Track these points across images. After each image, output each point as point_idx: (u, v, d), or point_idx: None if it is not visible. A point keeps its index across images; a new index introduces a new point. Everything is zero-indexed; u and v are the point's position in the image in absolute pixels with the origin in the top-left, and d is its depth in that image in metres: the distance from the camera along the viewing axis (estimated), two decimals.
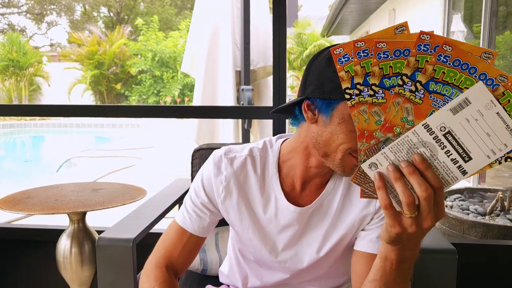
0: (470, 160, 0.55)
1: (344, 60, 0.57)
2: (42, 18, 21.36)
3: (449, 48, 0.52)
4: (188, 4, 20.43)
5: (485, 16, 4.18)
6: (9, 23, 21.10)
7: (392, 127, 0.57)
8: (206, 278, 1.33)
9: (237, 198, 0.93)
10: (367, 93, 0.57)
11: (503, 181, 4.59)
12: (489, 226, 2.13)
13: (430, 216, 0.58)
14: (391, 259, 0.69)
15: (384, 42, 0.55)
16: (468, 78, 0.53)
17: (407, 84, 0.55)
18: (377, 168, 0.59)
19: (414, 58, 0.54)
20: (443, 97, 0.54)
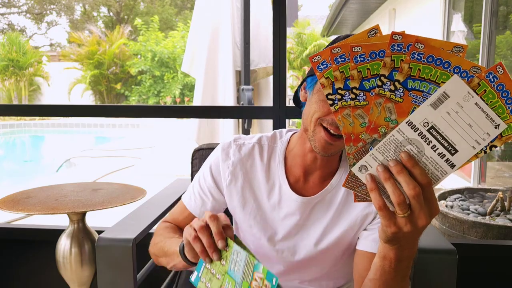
0: (456, 153, 0.55)
1: (323, 67, 0.59)
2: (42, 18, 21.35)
3: (421, 46, 0.54)
4: (188, 4, 20.43)
5: (485, 16, 4.18)
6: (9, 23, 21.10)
7: (377, 127, 0.58)
8: None
9: (242, 183, 0.95)
10: (349, 97, 0.58)
11: (503, 181, 4.59)
12: (489, 226, 2.13)
13: (423, 214, 0.58)
14: (390, 258, 0.69)
15: (359, 46, 0.56)
16: (444, 73, 0.54)
17: (386, 84, 0.56)
18: (367, 170, 0.59)
19: (389, 59, 0.55)
20: (422, 94, 0.56)
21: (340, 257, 0.96)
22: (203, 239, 0.71)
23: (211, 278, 0.72)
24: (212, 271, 0.73)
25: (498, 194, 2.39)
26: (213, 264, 0.72)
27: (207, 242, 0.71)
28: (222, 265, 0.71)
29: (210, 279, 0.73)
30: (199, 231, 0.71)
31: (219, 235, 0.70)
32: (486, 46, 4.16)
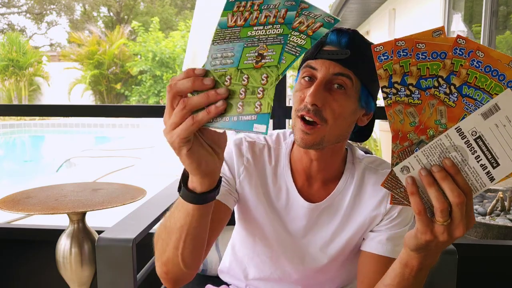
0: (498, 166, 0.56)
1: (383, 58, 0.58)
2: (42, 18, 21.36)
3: (482, 54, 0.55)
4: (188, 4, 20.43)
5: (485, 16, 4.18)
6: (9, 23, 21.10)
7: (426, 129, 0.58)
8: (206, 278, 1.33)
9: (255, 182, 0.93)
10: (404, 93, 0.58)
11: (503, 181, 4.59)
12: (489, 226, 2.13)
13: (462, 224, 0.57)
14: (412, 266, 0.68)
15: (423, 43, 0.57)
16: (498, 85, 0.55)
17: (442, 86, 0.56)
18: (409, 172, 0.58)
19: (450, 61, 0.56)
20: (475, 102, 0.56)
21: (346, 260, 0.95)
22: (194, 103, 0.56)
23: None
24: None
25: (498, 194, 2.39)
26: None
27: (200, 102, 0.56)
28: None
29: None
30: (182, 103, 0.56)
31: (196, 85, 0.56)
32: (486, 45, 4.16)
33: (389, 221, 0.89)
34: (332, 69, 0.78)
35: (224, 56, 0.57)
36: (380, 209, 0.89)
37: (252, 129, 0.57)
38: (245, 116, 0.56)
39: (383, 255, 0.87)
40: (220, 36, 0.58)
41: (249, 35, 0.57)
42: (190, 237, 0.71)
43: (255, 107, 0.56)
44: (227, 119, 0.57)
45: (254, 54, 0.56)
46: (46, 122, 12.35)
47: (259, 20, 0.57)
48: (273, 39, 0.56)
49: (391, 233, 0.88)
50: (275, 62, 0.56)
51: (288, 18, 0.56)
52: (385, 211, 0.89)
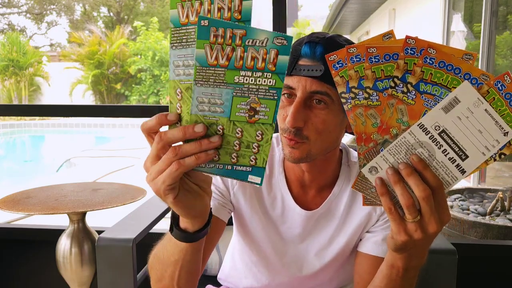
0: (467, 158, 0.56)
1: (338, 66, 0.61)
2: (42, 18, 21.35)
3: (433, 51, 0.56)
4: None
5: (485, 16, 4.17)
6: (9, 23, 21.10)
7: (388, 128, 0.59)
8: (206, 278, 1.33)
9: (250, 192, 0.92)
10: (362, 96, 0.60)
11: (503, 181, 4.59)
12: (489, 226, 2.13)
13: (434, 219, 0.57)
14: (398, 267, 0.68)
15: (374, 47, 0.58)
16: (454, 78, 0.56)
17: (399, 86, 0.58)
18: (378, 172, 0.59)
19: (403, 61, 0.57)
20: (434, 97, 0.57)
21: (344, 262, 0.95)
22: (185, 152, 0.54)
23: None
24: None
25: (498, 194, 2.39)
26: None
27: (191, 150, 0.54)
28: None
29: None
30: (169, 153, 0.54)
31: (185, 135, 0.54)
32: (486, 46, 4.16)
33: (384, 221, 0.89)
34: (309, 86, 0.75)
35: (213, 102, 0.54)
36: (376, 209, 0.89)
37: (247, 180, 0.57)
38: (240, 167, 0.57)
39: (378, 255, 0.87)
40: (203, 77, 0.53)
41: (236, 82, 0.53)
42: (185, 269, 0.72)
43: (250, 160, 0.56)
44: (221, 166, 0.57)
45: (246, 107, 0.54)
46: (46, 122, 12.34)
47: (245, 62, 0.52)
48: (265, 92, 0.53)
49: (386, 234, 0.88)
50: (269, 120, 0.54)
51: (280, 66, 0.51)
52: (380, 212, 0.89)
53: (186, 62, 0.54)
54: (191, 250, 0.69)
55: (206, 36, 0.51)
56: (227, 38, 0.51)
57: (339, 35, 0.81)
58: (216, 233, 0.90)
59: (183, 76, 0.55)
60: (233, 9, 0.52)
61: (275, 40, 0.51)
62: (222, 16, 0.52)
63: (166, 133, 0.55)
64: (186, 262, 0.71)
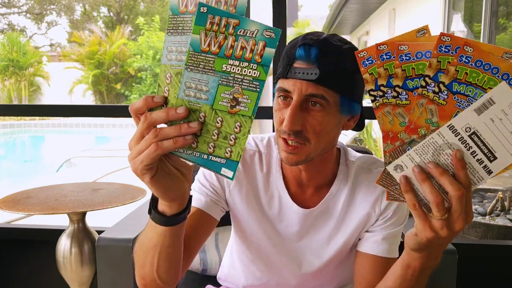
0: (495, 160, 0.55)
1: (368, 62, 0.59)
2: (42, 18, 21.36)
3: (471, 49, 0.53)
4: None
5: (485, 16, 4.18)
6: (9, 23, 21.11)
7: (416, 128, 0.58)
8: (206, 278, 1.33)
9: (246, 190, 0.92)
10: (390, 95, 0.59)
11: (503, 181, 4.59)
12: (489, 226, 2.13)
13: (462, 218, 0.57)
14: (414, 267, 0.69)
15: (405, 44, 0.57)
16: (491, 78, 0.54)
17: (430, 85, 0.56)
18: (403, 170, 0.58)
19: (436, 60, 0.55)
20: (467, 98, 0.55)
21: (343, 261, 0.95)
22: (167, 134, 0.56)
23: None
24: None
25: (498, 194, 2.39)
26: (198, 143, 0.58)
27: (172, 133, 0.56)
28: None
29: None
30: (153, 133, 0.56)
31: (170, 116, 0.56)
32: None
33: (383, 221, 0.89)
34: (304, 89, 0.75)
35: (199, 88, 0.56)
36: (375, 209, 0.89)
37: (220, 172, 0.59)
38: (215, 158, 0.58)
39: (379, 255, 0.87)
40: (194, 62, 0.56)
41: (224, 70, 0.55)
42: (164, 255, 0.72)
43: (225, 152, 0.58)
44: (198, 154, 0.59)
45: (229, 97, 0.56)
46: (46, 122, 12.34)
47: (234, 51, 0.54)
48: (249, 83, 0.55)
49: (386, 233, 0.88)
50: (249, 112, 0.56)
51: (266, 58, 0.54)
52: (380, 211, 0.89)
53: (180, 49, 0.57)
54: (169, 234, 0.69)
55: (203, 23, 0.54)
56: (221, 26, 0.53)
57: (334, 35, 0.80)
58: (206, 230, 0.90)
59: (174, 61, 0.57)
60: (230, 3, 0.54)
61: (264, 32, 0.53)
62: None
63: (151, 114, 0.57)
64: (165, 248, 0.71)
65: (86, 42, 14.72)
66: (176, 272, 0.79)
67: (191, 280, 1.33)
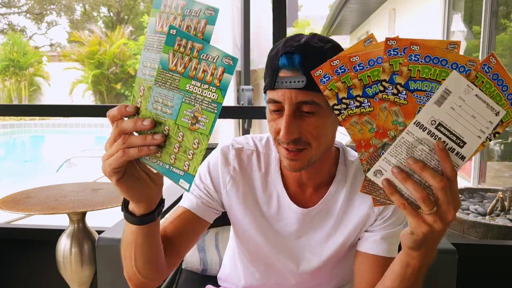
0: (465, 145, 0.58)
1: (325, 80, 0.61)
2: (42, 18, 21.36)
3: (417, 47, 0.56)
4: None
5: (485, 16, 4.18)
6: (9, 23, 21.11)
7: (385, 131, 0.60)
8: (206, 278, 1.33)
9: (243, 191, 0.92)
10: (354, 105, 0.61)
11: (503, 181, 4.60)
12: (489, 226, 2.13)
13: (451, 207, 0.58)
14: (413, 265, 0.69)
15: (356, 55, 0.59)
16: (443, 70, 0.57)
17: (388, 88, 0.58)
18: (382, 174, 0.60)
19: (387, 63, 0.58)
20: (425, 93, 0.58)
21: (343, 261, 0.95)
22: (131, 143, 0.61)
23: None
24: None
25: (498, 194, 2.39)
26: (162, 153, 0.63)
27: (137, 143, 0.61)
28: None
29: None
30: (122, 140, 0.61)
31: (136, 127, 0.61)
32: (486, 46, 4.16)
33: (382, 221, 0.89)
34: (294, 98, 0.75)
35: (165, 103, 0.61)
36: (374, 209, 0.89)
37: (178, 183, 0.63)
38: (175, 169, 0.63)
39: (378, 254, 0.87)
40: (162, 79, 0.61)
41: (187, 89, 0.60)
42: (139, 252, 0.76)
43: (184, 165, 0.62)
44: (161, 163, 0.64)
45: (191, 115, 0.60)
46: (46, 122, 12.34)
47: (197, 73, 0.59)
48: (208, 104, 0.59)
49: (385, 233, 0.88)
50: (206, 132, 0.60)
51: (223, 83, 0.58)
52: (379, 211, 0.89)
53: (153, 65, 0.62)
54: (141, 233, 0.73)
55: (172, 44, 0.59)
56: (187, 48, 0.59)
57: (314, 35, 0.79)
58: (195, 231, 0.91)
59: (148, 76, 0.63)
60: (198, 29, 0.59)
61: (224, 59, 0.57)
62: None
63: (122, 122, 0.62)
64: (139, 246, 0.75)
65: (86, 42, 14.73)
66: (156, 268, 0.81)
67: (191, 280, 1.33)
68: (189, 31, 0.59)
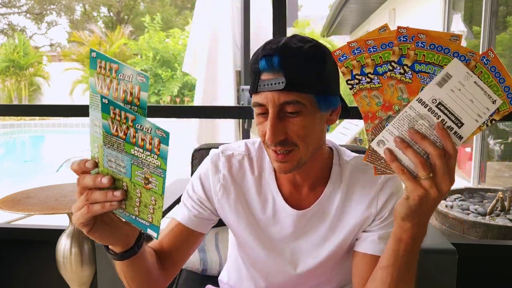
0: (462, 126, 0.63)
1: (343, 58, 0.68)
2: (42, 18, 21.36)
3: (424, 36, 0.63)
4: (188, 4, 20.43)
5: (485, 16, 4.18)
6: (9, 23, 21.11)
7: (391, 105, 0.66)
8: (206, 278, 1.33)
9: (234, 197, 0.92)
10: (365, 81, 0.67)
11: (503, 181, 4.60)
12: (489, 226, 2.13)
13: (447, 177, 0.62)
14: (406, 240, 0.71)
15: (372, 39, 0.66)
16: (445, 57, 0.63)
17: (396, 68, 0.65)
18: (385, 144, 0.66)
19: (397, 47, 0.64)
20: (429, 75, 0.64)
21: (341, 261, 0.95)
22: (94, 199, 0.64)
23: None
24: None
25: (498, 194, 2.39)
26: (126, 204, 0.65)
27: (99, 199, 0.64)
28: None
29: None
30: (86, 196, 0.64)
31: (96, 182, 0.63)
32: (486, 45, 4.16)
33: (380, 221, 0.89)
34: (277, 99, 0.76)
35: (118, 163, 0.63)
36: (371, 209, 0.88)
37: (146, 231, 0.66)
38: (141, 220, 0.65)
39: (376, 254, 0.86)
40: (109, 141, 0.62)
41: (133, 154, 0.61)
42: (129, 277, 0.81)
43: (147, 217, 0.64)
44: (127, 214, 0.66)
45: (142, 175, 0.62)
46: (46, 122, 12.34)
47: (137, 141, 0.60)
48: (154, 169, 0.60)
49: (383, 232, 0.88)
50: (159, 192, 0.61)
51: (162, 152, 0.58)
52: (376, 211, 0.88)
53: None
54: (126, 265, 0.77)
55: (107, 112, 0.60)
56: (122, 118, 0.60)
57: (294, 36, 0.80)
58: (190, 243, 0.93)
59: (98, 134, 0.64)
60: (134, 95, 0.60)
61: (156, 131, 0.58)
62: (126, 97, 0.60)
63: (84, 178, 0.64)
64: (128, 274, 0.80)
65: (86, 42, 14.73)
66: (151, 284, 0.85)
67: (191, 280, 1.34)
68: (126, 96, 0.60)
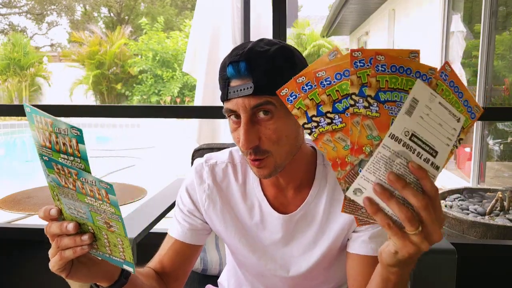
0: (437, 154, 0.55)
1: (292, 98, 0.58)
2: (42, 18, 21.37)
3: (382, 57, 0.54)
4: (189, 5, 20.43)
5: (484, 16, 4.18)
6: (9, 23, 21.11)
7: (361, 147, 0.55)
8: (206, 278, 1.34)
9: (221, 206, 0.92)
10: (324, 122, 0.57)
11: (502, 181, 4.60)
12: (489, 226, 2.14)
13: (436, 224, 0.55)
14: (394, 280, 0.68)
15: (322, 70, 0.56)
16: (409, 79, 0.54)
17: (358, 102, 0.55)
18: (362, 193, 0.56)
19: (355, 76, 0.54)
20: (396, 103, 0.54)
21: (335, 261, 0.94)
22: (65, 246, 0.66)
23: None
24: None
25: (498, 194, 2.40)
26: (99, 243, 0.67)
27: (70, 244, 0.65)
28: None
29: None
30: (60, 245, 0.66)
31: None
32: (486, 46, 4.16)
33: None
34: (247, 104, 0.75)
35: (78, 210, 0.63)
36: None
37: (122, 267, 0.66)
38: (115, 257, 0.66)
39: (367, 254, 0.86)
40: (62, 192, 0.62)
41: (88, 202, 0.61)
42: None
43: (120, 255, 0.65)
44: (101, 253, 0.67)
45: (102, 220, 0.62)
46: None
47: (87, 192, 0.60)
48: (111, 215, 0.60)
49: (373, 232, 0.87)
50: (122, 234, 0.62)
51: (112, 202, 0.59)
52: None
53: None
54: None
55: (51, 167, 0.61)
56: (66, 173, 0.60)
57: (261, 40, 0.79)
58: (189, 257, 0.94)
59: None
60: (73, 147, 0.60)
61: (100, 184, 0.58)
62: (67, 150, 0.60)
63: (51, 226, 0.65)
64: None
65: (87, 43, 14.74)
66: None
67: (191, 280, 1.34)
68: (66, 148, 0.60)
